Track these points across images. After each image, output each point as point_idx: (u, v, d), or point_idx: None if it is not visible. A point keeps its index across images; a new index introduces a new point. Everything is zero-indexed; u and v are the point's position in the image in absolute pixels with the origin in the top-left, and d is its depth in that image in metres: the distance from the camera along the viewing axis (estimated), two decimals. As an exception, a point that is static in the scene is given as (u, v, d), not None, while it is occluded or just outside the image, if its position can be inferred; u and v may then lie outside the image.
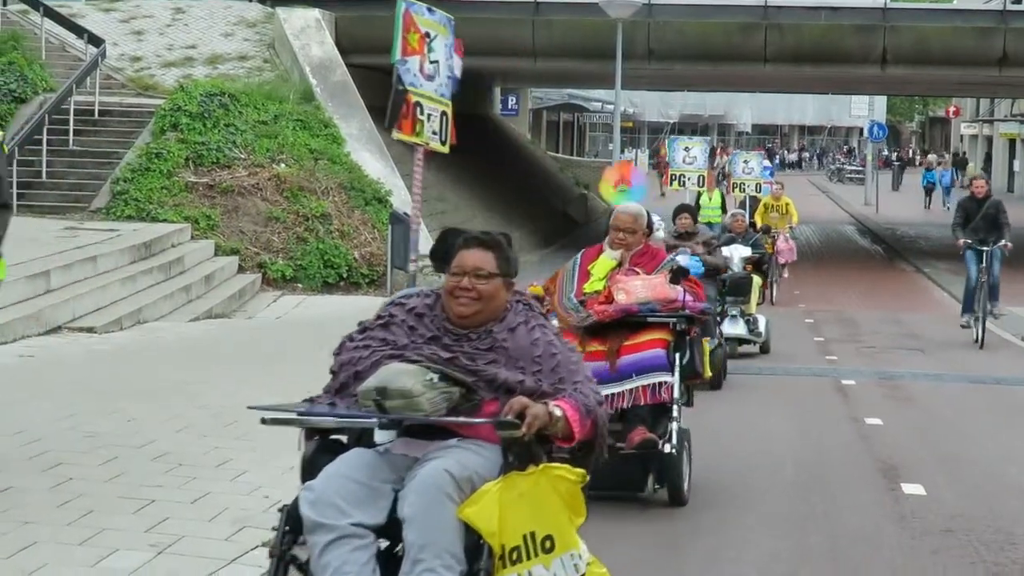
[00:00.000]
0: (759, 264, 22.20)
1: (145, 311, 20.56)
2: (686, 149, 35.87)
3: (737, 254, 21.20)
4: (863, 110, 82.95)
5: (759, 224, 27.96)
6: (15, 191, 25.53)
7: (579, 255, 10.83)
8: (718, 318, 18.60)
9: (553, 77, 52.65)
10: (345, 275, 26.37)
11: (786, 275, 30.44)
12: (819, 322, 25.32)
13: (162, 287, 22.26)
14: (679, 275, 10.29)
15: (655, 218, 11.60)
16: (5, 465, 9.92)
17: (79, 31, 31.82)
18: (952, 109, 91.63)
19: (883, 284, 34.77)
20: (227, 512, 9.09)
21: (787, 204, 31.30)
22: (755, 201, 33.40)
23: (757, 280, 21.40)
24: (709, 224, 26.02)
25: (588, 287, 10.45)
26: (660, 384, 9.98)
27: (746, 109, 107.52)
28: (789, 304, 28.43)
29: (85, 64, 29.71)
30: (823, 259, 42.19)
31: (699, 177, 35.15)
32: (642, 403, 9.96)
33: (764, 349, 20.67)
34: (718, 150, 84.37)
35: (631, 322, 10.16)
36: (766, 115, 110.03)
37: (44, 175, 27.03)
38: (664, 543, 9.58)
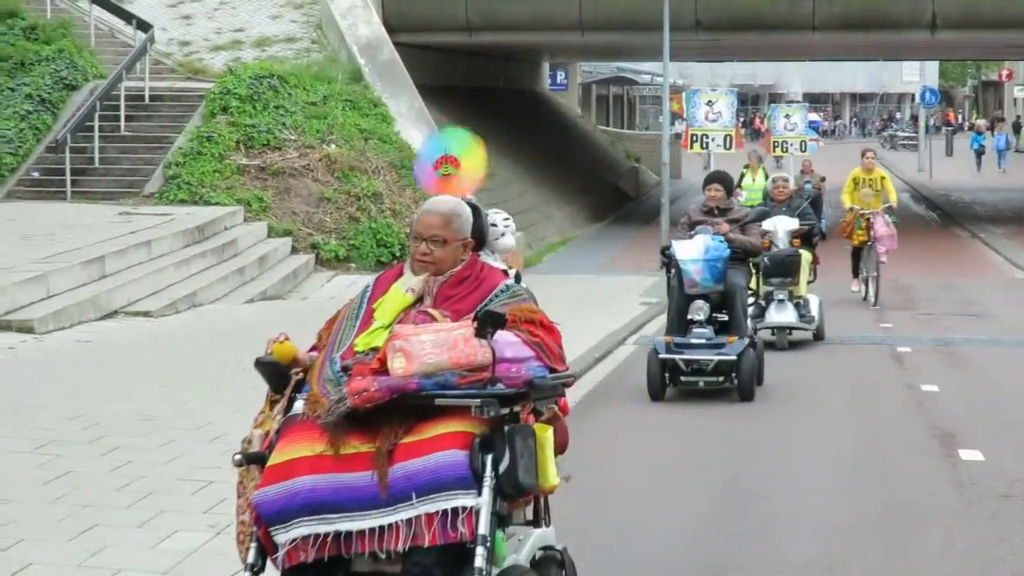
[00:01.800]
0: (808, 237, 18.86)
1: (200, 294, 20.67)
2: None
3: (781, 227, 18.18)
4: (914, 75, 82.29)
5: (847, 203, 23.04)
6: (68, 178, 25.80)
7: (372, 281, 6.66)
8: (761, 303, 17.59)
9: (601, 50, 52.50)
10: (398, 253, 26.39)
11: (883, 259, 22.80)
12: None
13: (216, 270, 22.36)
14: (491, 322, 5.84)
15: (496, 216, 7.15)
16: (64, 449, 10.01)
17: (128, 17, 31.93)
18: (1005, 72, 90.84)
19: (938, 250, 34.49)
20: (284, 492, 9.12)
21: (882, 178, 23.81)
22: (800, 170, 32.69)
23: (806, 256, 18.60)
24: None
25: (362, 341, 6.20)
26: (456, 512, 5.64)
27: (796, 78, 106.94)
28: (843, 273, 28.27)
29: (135, 50, 29.81)
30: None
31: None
32: (426, 543, 5.62)
33: (818, 335, 18.48)
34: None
35: (418, 405, 5.79)
36: (816, 83, 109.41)
37: (97, 161, 27.16)
38: (720, 510, 9.57)
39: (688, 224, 14.59)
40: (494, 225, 7.04)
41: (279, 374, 6.12)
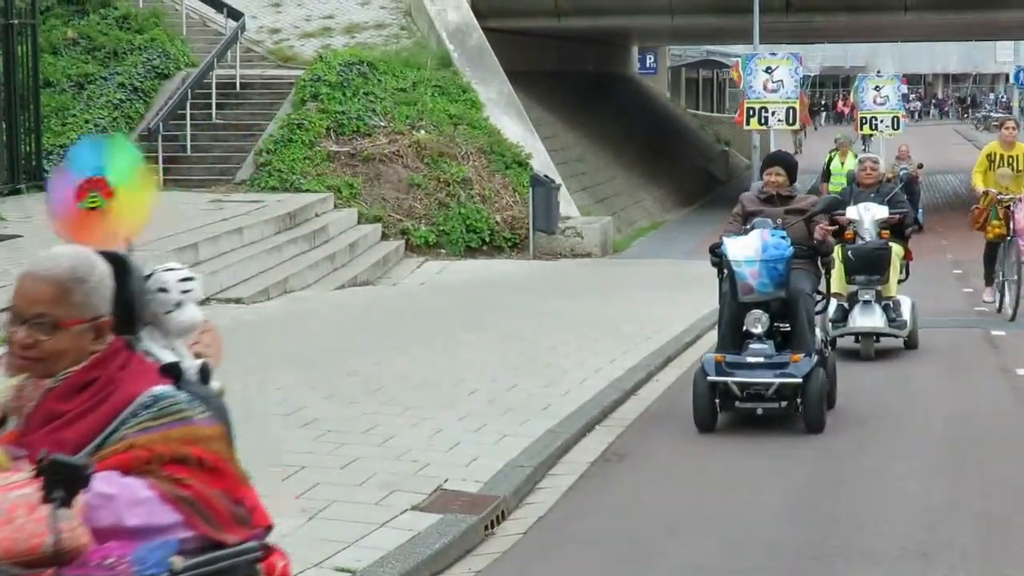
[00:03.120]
0: (899, 228, 15.88)
1: (291, 280, 20.79)
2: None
3: (868, 216, 15.49)
4: (1008, 56, 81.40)
5: (980, 186, 18.92)
6: (160, 166, 26.03)
7: None
8: (844, 305, 15.57)
9: (691, 34, 52.26)
10: (487, 239, 26.45)
11: None
12: (968, 272, 24.86)
13: (307, 256, 22.48)
14: (60, 478, 3.33)
15: (169, 275, 4.37)
16: (159, 435, 10.09)
17: (219, 5, 32.14)
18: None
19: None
20: (376, 477, 9.18)
21: None
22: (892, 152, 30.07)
23: (897, 250, 15.78)
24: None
25: None
26: None
27: (888, 59, 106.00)
28: (937, 255, 28.00)
29: (225, 38, 30.02)
30: (971, 208, 41.50)
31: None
32: None
33: (910, 343, 15.99)
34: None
35: None
36: (909, 64, 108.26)
37: (189, 149, 27.39)
38: (813, 491, 9.51)
39: (742, 215, 12.26)
40: (164, 291, 4.27)
41: None
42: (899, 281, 15.98)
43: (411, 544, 7.91)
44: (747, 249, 11.48)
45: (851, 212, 15.44)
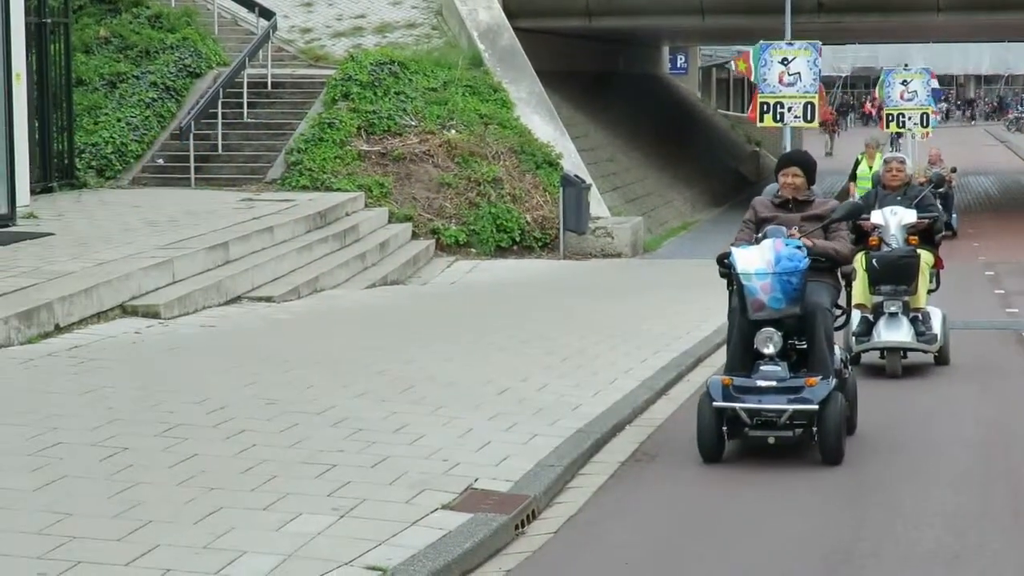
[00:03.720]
0: (929, 234, 14.84)
1: (321, 279, 20.81)
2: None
3: (894, 220, 14.50)
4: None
5: None
6: (192, 164, 26.11)
7: None
8: (869, 317, 14.67)
9: (721, 34, 52.17)
10: (518, 239, 26.45)
11: None
12: (1000, 274, 24.84)
13: (338, 255, 22.50)
14: None
15: None
16: (191, 432, 10.12)
17: (250, 5, 32.22)
18: None
19: (1065, 234, 33.89)
20: (407, 476, 9.19)
21: None
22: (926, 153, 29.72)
23: (927, 258, 14.73)
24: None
25: None
26: None
27: (919, 60, 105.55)
28: (968, 257, 27.91)
29: (257, 37, 30.09)
30: (1003, 210, 41.38)
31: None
32: None
33: (941, 359, 15.01)
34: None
35: None
36: (941, 65, 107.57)
37: (220, 148, 27.47)
38: (844, 495, 9.49)
39: (754, 222, 11.22)
40: None
41: None
42: (929, 291, 14.88)
43: (441, 543, 7.92)
44: (758, 261, 10.39)
45: (876, 216, 14.49)
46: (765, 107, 26.40)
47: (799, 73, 26.17)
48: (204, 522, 8.05)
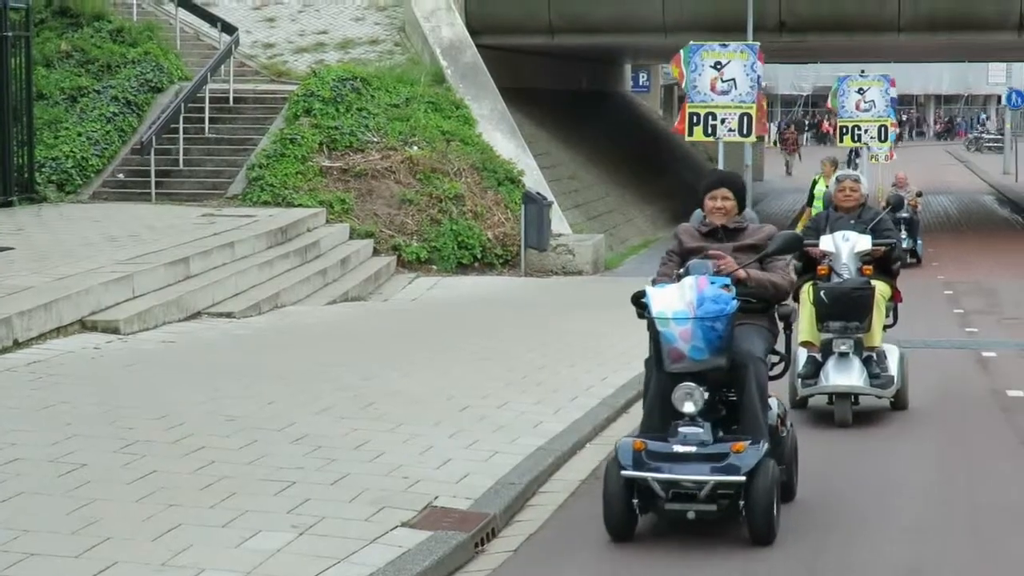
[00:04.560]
0: (885, 263, 13.15)
1: (282, 295, 20.78)
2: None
3: (846, 247, 12.79)
4: (1001, 78, 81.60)
5: None
6: (153, 179, 26.03)
7: None
8: (817, 357, 12.84)
9: (684, 53, 52.32)
10: (479, 256, 26.46)
11: None
12: (959, 293, 24.96)
13: (299, 271, 22.47)
14: None
15: None
16: (150, 449, 10.09)
17: (212, 20, 32.18)
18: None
19: (1024, 254, 34.08)
20: (367, 492, 9.17)
21: None
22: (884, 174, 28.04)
23: (883, 289, 13.00)
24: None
25: None
26: None
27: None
28: (928, 276, 28.03)
29: (219, 52, 30.05)
30: (961, 229, 41.61)
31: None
32: None
33: (898, 404, 13.22)
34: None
35: None
36: (902, 85, 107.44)
37: (181, 163, 27.40)
38: (800, 505, 9.49)
39: (678, 253, 9.73)
40: None
41: None
42: (885, 327, 13.12)
43: (401, 560, 7.91)
44: (677, 302, 8.76)
45: (826, 242, 12.81)
46: (695, 118, 23.09)
47: (734, 79, 22.97)
48: (163, 539, 8.02)
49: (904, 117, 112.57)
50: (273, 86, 30.68)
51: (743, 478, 8.54)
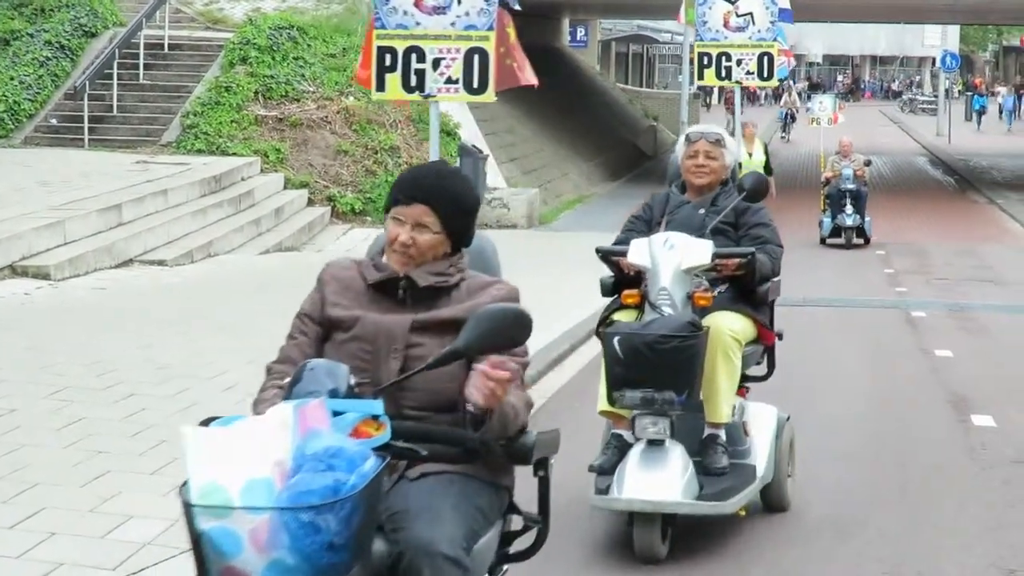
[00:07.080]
0: (744, 283, 7.82)
1: (215, 244, 20.70)
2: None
3: (669, 260, 7.58)
4: (936, 40, 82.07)
5: None
6: (86, 125, 25.81)
7: None
8: (625, 436, 7.73)
9: (622, 8, 52.39)
10: (413, 208, 26.41)
11: None
12: (890, 254, 25.12)
13: (232, 220, 22.38)
14: None
15: None
16: (79, 395, 10.04)
17: (148, -35, 31.92)
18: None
19: (955, 215, 34.36)
20: (297, 442, 9.15)
21: None
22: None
23: (737, 330, 7.73)
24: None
25: None
26: None
27: (817, 40, 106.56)
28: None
29: (154, -2, 29.82)
30: (894, 191, 41.84)
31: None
32: None
33: (774, 502, 8.33)
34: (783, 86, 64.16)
35: None
36: (838, 46, 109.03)
37: (115, 109, 27.18)
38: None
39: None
40: None
41: None
42: (749, 382, 8.27)
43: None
44: (253, 463, 3.94)
45: (638, 250, 7.75)
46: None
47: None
48: (91, 485, 7.99)
49: (841, 77, 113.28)
50: (209, 33, 30.46)
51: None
